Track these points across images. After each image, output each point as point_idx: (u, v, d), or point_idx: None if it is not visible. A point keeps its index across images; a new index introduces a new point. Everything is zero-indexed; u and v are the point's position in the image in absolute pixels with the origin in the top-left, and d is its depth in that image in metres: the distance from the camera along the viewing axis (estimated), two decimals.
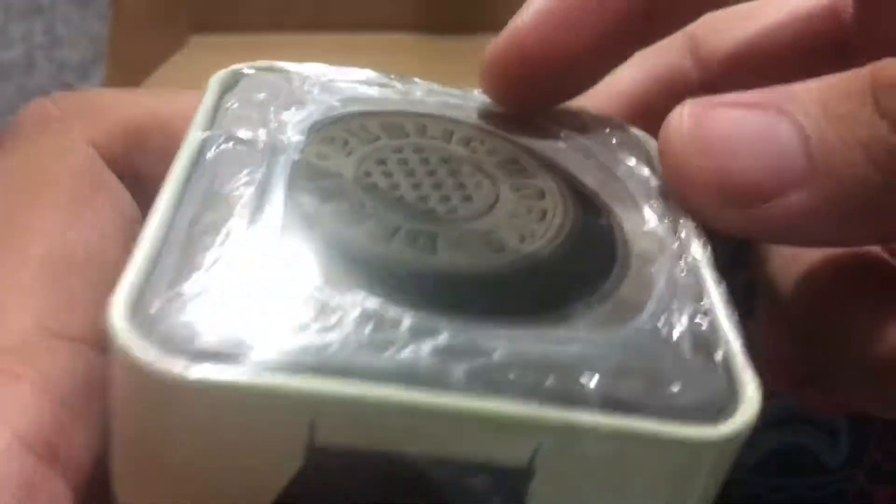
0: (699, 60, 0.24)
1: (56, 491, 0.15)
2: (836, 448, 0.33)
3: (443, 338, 0.14)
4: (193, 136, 0.17)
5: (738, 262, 0.23)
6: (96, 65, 0.69)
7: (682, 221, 0.18)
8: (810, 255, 0.21)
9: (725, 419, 0.14)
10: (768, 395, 0.15)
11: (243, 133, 0.17)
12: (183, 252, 0.15)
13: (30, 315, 0.16)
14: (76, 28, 0.74)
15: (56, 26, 0.75)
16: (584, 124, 0.21)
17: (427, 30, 0.58)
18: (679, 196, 0.18)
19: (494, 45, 0.20)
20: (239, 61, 0.20)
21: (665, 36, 0.21)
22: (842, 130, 0.16)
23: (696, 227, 0.17)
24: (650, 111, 0.22)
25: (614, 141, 0.20)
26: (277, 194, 0.16)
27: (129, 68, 0.54)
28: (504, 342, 0.14)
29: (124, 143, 0.18)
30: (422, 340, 0.14)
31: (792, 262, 0.21)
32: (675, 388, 0.14)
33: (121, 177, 0.19)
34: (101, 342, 0.16)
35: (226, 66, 0.20)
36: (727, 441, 0.14)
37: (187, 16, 0.58)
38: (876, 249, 0.21)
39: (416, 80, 0.21)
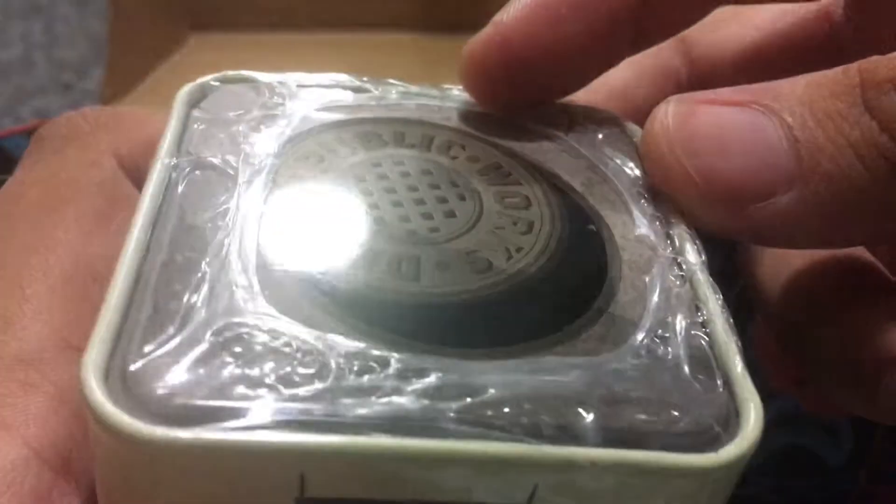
0: (689, 59, 0.24)
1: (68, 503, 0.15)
2: (838, 448, 0.33)
3: (431, 378, 0.13)
4: (161, 164, 0.16)
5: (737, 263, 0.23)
6: (95, 64, 0.69)
7: (673, 224, 0.17)
8: (796, 259, 0.21)
9: (727, 443, 0.13)
10: (769, 395, 0.14)
11: (213, 158, 0.17)
12: (155, 299, 0.14)
13: (47, 326, 0.16)
14: (75, 27, 0.74)
15: (55, 25, 0.75)
16: (570, 119, 0.20)
17: (427, 29, 0.58)
18: (665, 195, 0.18)
19: (476, 41, 0.19)
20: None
21: (657, 42, 0.21)
22: (830, 130, 0.16)
23: (689, 230, 0.17)
24: (637, 108, 0.22)
25: (601, 136, 0.20)
26: (251, 227, 0.15)
27: (129, 68, 0.54)
28: (495, 377, 0.13)
29: (147, 158, 0.18)
30: (409, 383, 0.13)
31: (779, 265, 0.21)
32: (675, 414, 0.13)
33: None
34: None
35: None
36: (730, 466, 0.13)
37: (187, 15, 0.58)
38: (862, 251, 0.21)
39: (392, 80, 0.20)
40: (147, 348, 0.13)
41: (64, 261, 0.17)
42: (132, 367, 0.13)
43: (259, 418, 0.12)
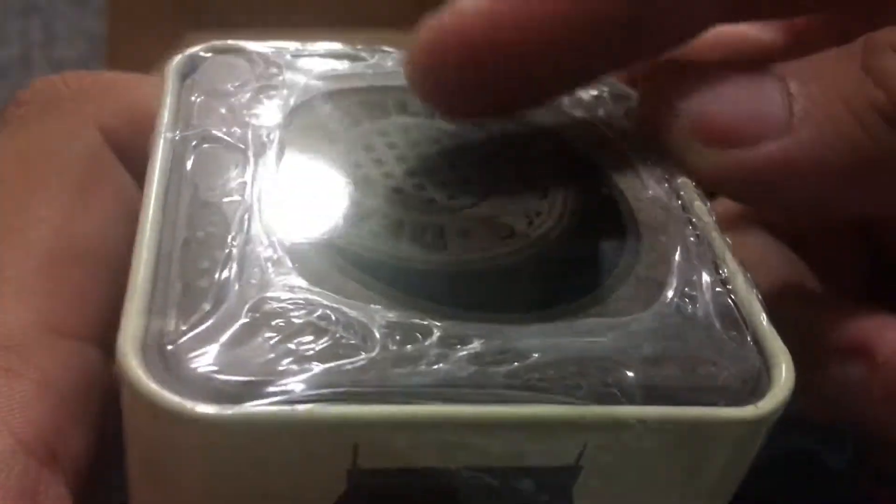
0: None
1: (56, 494, 0.15)
2: (840, 451, 0.33)
3: (475, 345, 0.13)
4: (164, 138, 0.16)
5: None
6: (93, 63, 0.69)
7: (681, 183, 0.17)
8: (758, 250, 0.21)
9: (762, 396, 0.14)
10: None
11: (218, 131, 0.16)
12: (184, 277, 0.14)
13: (31, 310, 0.16)
14: (73, 26, 0.74)
15: (53, 24, 0.75)
16: None
17: None
18: (657, 139, 0.17)
19: (429, 29, 0.16)
20: None
21: (636, 62, 0.18)
22: (825, 84, 0.16)
23: (696, 188, 0.17)
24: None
25: (598, 97, 0.20)
26: (270, 201, 0.15)
27: (128, 67, 0.54)
28: (537, 341, 0.14)
29: (131, 128, 0.18)
30: (455, 350, 0.13)
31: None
32: (712, 370, 0.14)
33: (126, 162, 0.18)
34: (103, 339, 0.16)
35: None
36: (769, 417, 0.14)
37: (187, 15, 0.58)
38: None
39: (385, 48, 0.20)
40: (184, 327, 0.13)
41: (46, 240, 0.16)
42: (171, 347, 0.13)
43: (308, 391, 0.12)
